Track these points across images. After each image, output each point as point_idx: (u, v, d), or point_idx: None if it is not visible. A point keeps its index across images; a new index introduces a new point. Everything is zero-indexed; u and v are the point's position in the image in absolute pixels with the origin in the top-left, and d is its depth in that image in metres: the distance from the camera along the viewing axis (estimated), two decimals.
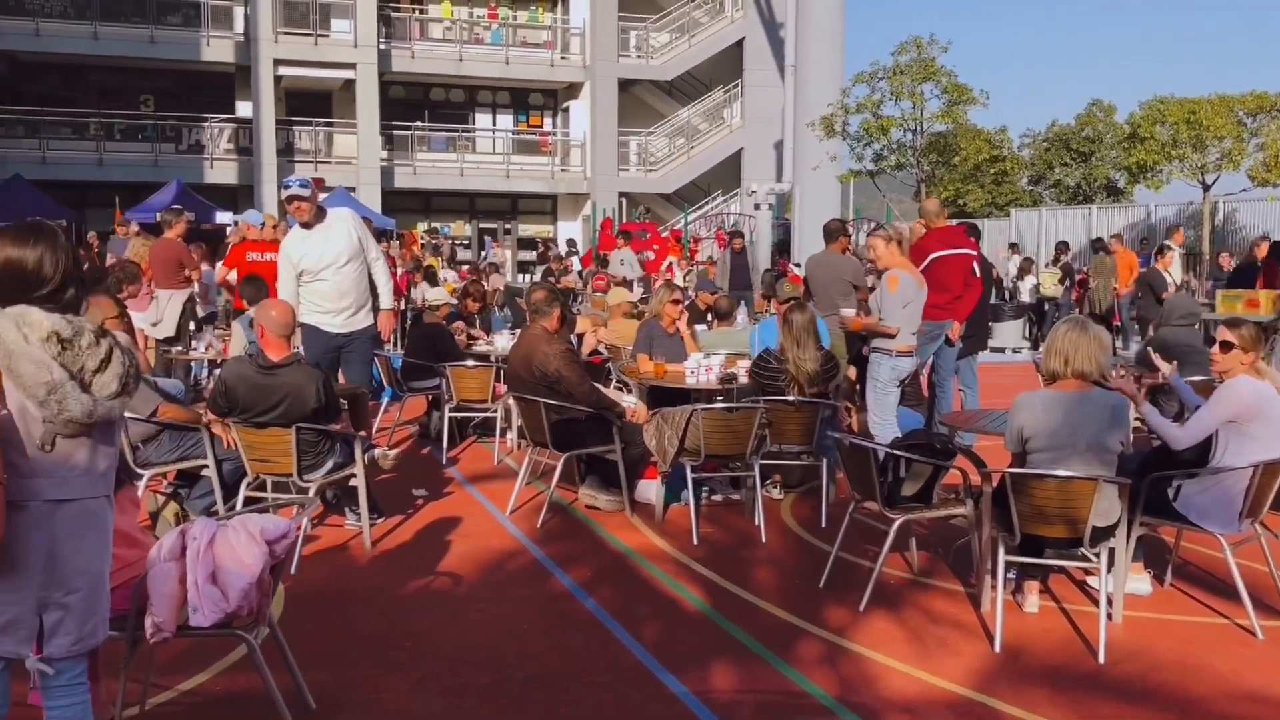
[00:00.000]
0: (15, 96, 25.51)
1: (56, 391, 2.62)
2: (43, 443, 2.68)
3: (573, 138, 30.02)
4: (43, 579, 2.71)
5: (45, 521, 2.69)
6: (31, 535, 2.68)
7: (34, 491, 2.69)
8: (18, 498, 2.67)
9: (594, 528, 6.45)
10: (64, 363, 2.65)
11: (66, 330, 2.68)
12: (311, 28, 26.50)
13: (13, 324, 2.64)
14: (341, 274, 7.04)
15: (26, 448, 2.68)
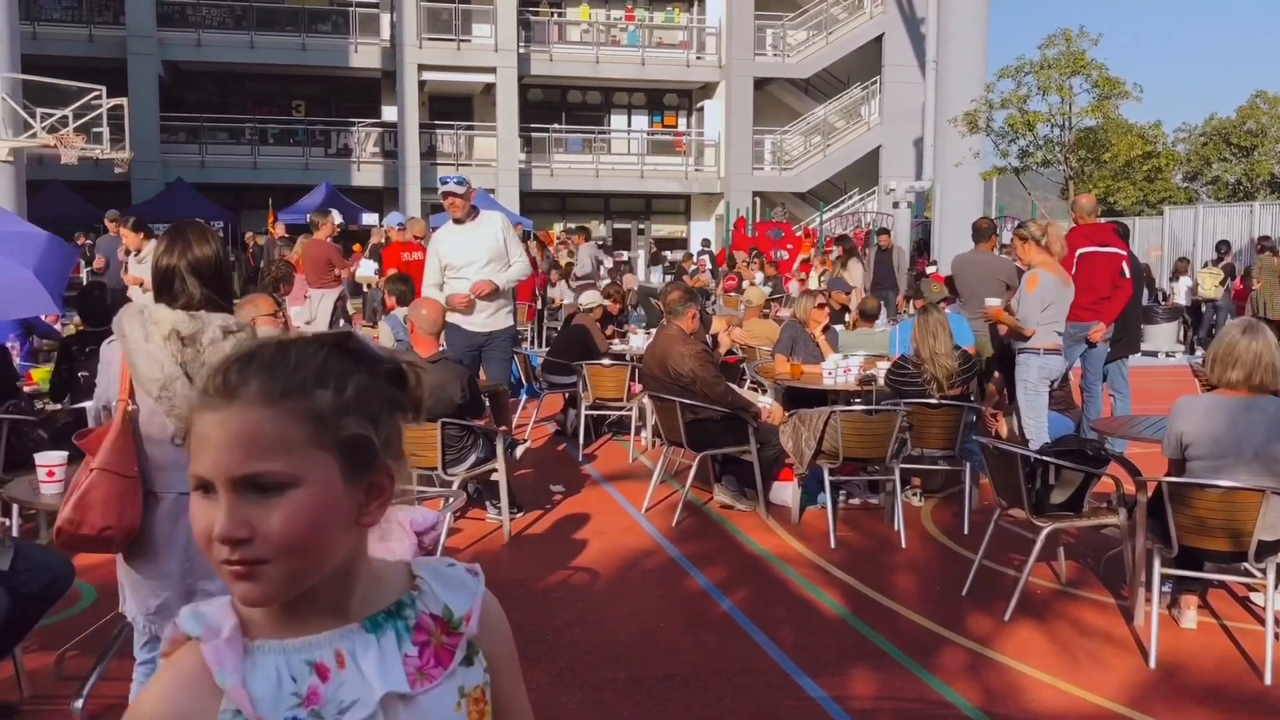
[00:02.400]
0: (177, 104, 26.87)
1: (168, 387, 2.72)
2: (174, 436, 2.78)
3: (707, 137, 30.01)
4: (185, 567, 2.82)
5: (182, 514, 2.79)
6: (170, 526, 2.78)
7: (168, 484, 2.79)
8: (154, 489, 2.78)
9: (729, 528, 6.44)
10: (182, 359, 2.75)
11: (187, 328, 2.77)
12: (454, 33, 27.17)
13: (139, 321, 2.75)
14: (482, 274, 7.19)
15: (160, 441, 2.79)
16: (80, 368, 6.14)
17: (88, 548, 2.80)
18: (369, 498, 1.07)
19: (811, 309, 7.92)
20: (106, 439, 2.71)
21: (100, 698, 3.79)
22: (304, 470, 1.01)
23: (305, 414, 1.02)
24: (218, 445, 1.00)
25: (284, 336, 1.08)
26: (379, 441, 1.07)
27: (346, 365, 1.06)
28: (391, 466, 1.09)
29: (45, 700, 3.92)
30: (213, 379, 1.03)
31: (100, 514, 2.68)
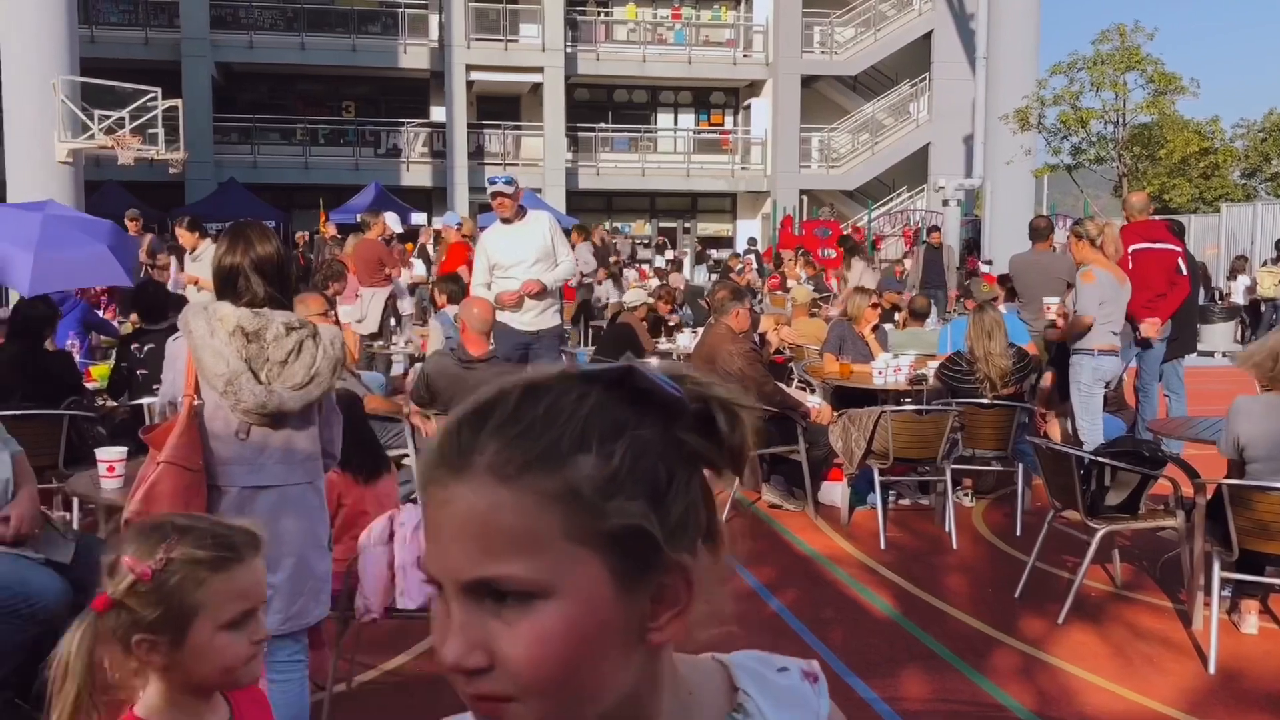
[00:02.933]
0: (230, 105, 27.24)
1: (233, 382, 2.77)
2: (238, 430, 2.84)
3: (754, 135, 29.91)
4: None
5: (245, 506, 2.85)
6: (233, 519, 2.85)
7: (233, 478, 2.85)
8: (218, 483, 2.84)
9: (777, 528, 6.42)
10: (246, 355, 2.80)
11: (251, 324, 2.82)
12: (502, 33, 27.31)
13: (204, 318, 2.81)
14: (530, 274, 7.22)
15: (224, 435, 2.85)
16: (138, 365, 6.25)
17: None
18: (659, 606, 0.76)
19: (865, 307, 7.87)
20: (173, 433, 2.77)
21: None
22: (556, 575, 0.72)
23: (556, 494, 0.73)
24: (444, 536, 0.74)
25: (537, 376, 0.78)
26: (666, 526, 0.75)
27: (620, 416, 0.75)
28: (689, 561, 0.76)
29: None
30: (444, 440, 0.76)
31: (167, 506, 2.73)
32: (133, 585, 1.61)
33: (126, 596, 1.61)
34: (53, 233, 6.07)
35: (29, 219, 6.18)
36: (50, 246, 5.97)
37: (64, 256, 6.01)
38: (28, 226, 6.08)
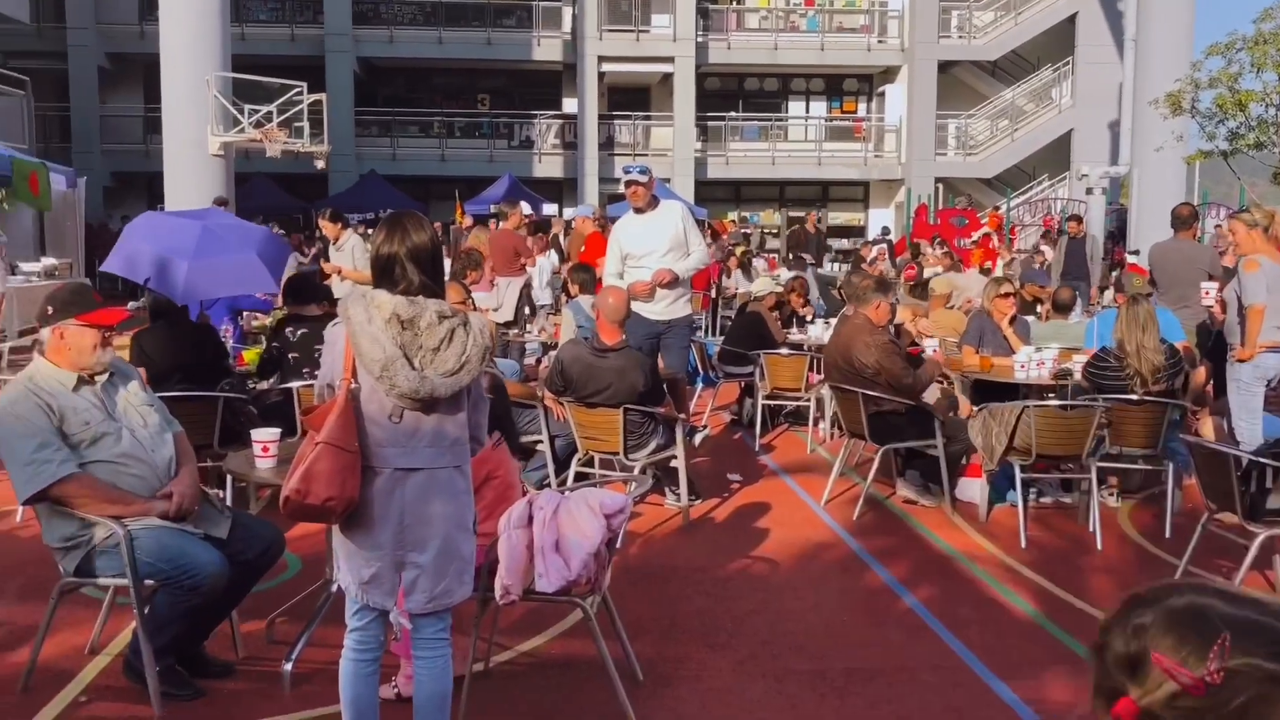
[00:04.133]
0: (370, 99, 28.04)
1: (389, 368, 2.85)
2: (391, 414, 2.93)
3: (888, 123, 29.34)
4: (397, 539, 2.96)
5: (396, 488, 2.94)
6: (385, 499, 2.94)
7: (385, 459, 2.94)
8: (372, 464, 2.94)
9: (912, 524, 6.29)
10: (401, 342, 2.88)
11: (406, 311, 2.90)
12: (633, 24, 27.42)
13: (362, 305, 2.90)
14: (662, 263, 7.22)
15: (379, 418, 2.95)
16: (289, 349, 6.50)
17: (311, 517, 2.97)
18: None
19: (995, 297, 7.64)
20: (330, 415, 2.87)
21: (307, 662, 4.01)
22: None
23: None
24: None
25: None
26: None
27: None
28: None
29: (257, 661, 4.18)
30: None
31: (324, 485, 2.84)
32: (1174, 696, 1.13)
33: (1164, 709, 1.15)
34: (207, 242, 6.37)
35: (189, 228, 6.52)
36: (203, 255, 6.27)
37: (213, 264, 6.30)
38: (187, 236, 6.40)
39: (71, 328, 3.67)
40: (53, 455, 3.56)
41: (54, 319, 3.69)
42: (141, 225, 6.73)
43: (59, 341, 3.69)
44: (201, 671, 3.95)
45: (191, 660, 3.94)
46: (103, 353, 3.71)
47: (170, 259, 6.25)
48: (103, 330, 3.69)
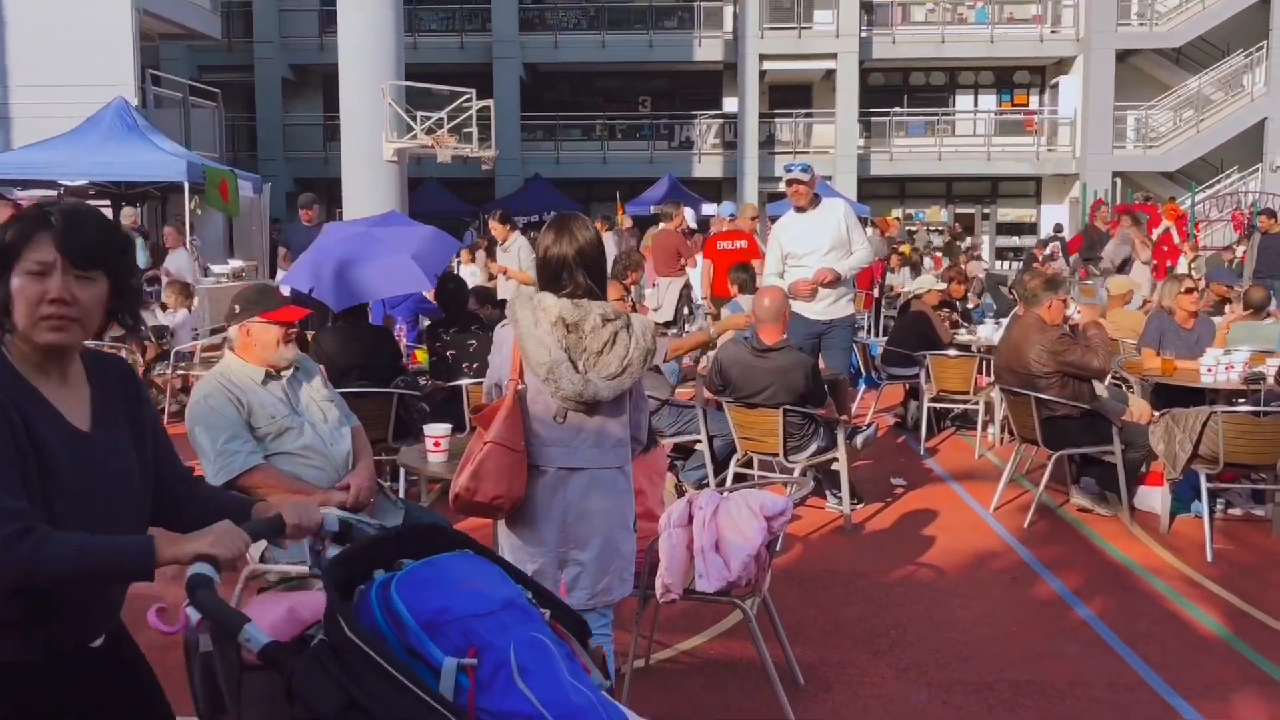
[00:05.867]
0: (535, 103, 28.66)
1: (554, 370, 2.91)
2: (555, 414, 2.99)
3: (1061, 115, 28.19)
4: (560, 537, 3.02)
5: (560, 487, 3.00)
6: (548, 498, 3.00)
7: (550, 459, 3.01)
8: (537, 463, 3.01)
9: (1086, 533, 6.03)
10: (566, 345, 2.93)
11: (572, 315, 2.95)
12: (795, 21, 27.18)
13: (529, 308, 2.96)
14: (824, 262, 7.14)
15: (544, 418, 3.01)
16: (447, 349, 6.74)
17: (479, 513, 3.06)
18: None
19: (1178, 294, 7.25)
20: (498, 415, 2.95)
21: None
22: None
23: None
24: None
25: None
26: None
27: None
28: None
29: None
30: None
31: (492, 483, 2.92)
32: None
33: None
34: (363, 247, 6.65)
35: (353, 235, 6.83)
36: (359, 261, 6.53)
37: (368, 268, 6.55)
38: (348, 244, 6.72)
39: (256, 325, 3.88)
40: (241, 446, 3.77)
41: (240, 317, 3.91)
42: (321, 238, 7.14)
43: (246, 338, 3.91)
44: None
45: None
46: (286, 349, 3.90)
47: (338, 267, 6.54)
48: (285, 327, 3.89)
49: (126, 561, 1.80)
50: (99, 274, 1.88)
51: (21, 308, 1.83)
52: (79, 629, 1.98)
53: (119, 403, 2.03)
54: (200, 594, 1.72)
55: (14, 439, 1.78)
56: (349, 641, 1.61)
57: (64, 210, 1.88)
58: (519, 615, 1.72)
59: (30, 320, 1.84)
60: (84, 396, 1.97)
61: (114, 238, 1.93)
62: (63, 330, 1.85)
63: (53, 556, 1.73)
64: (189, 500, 2.15)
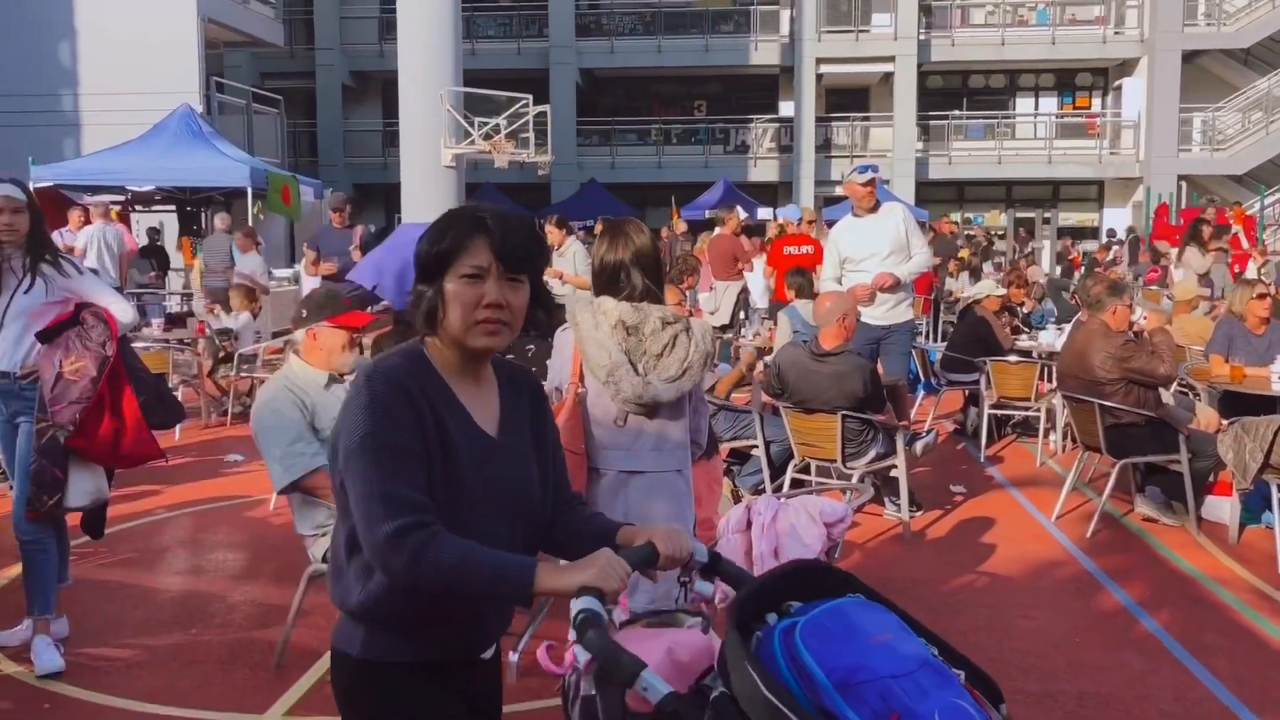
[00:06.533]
0: (591, 109, 28.78)
1: (615, 373, 2.91)
2: (616, 418, 2.99)
3: (1125, 118, 27.71)
4: None
5: (620, 489, 3.00)
6: (609, 500, 3.01)
7: (610, 461, 3.01)
8: (597, 466, 3.02)
9: (1152, 543, 5.91)
10: (626, 348, 2.94)
11: (631, 318, 2.96)
12: (853, 24, 27.02)
13: (590, 312, 2.97)
14: (883, 267, 7.08)
15: (604, 421, 3.01)
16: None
17: None
18: None
19: (1250, 300, 7.08)
20: (559, 417, 2.96)
21: (533, 654, 4.13)
22: None
23: None
24: None
25: None
26: None
27: None
28: None
29: None
30: None
31: None
32: None
33: None
34: None
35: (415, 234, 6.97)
36: None
37: None
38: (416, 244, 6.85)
39: (323, 329, 3.94)
40: (305, 448, 3.83)
41: (307, 321, 3.97)
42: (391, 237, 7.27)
43: (312, 342, 3.97)
44: None
45: None
46: (351, 353, 3.97)
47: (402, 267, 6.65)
48: (351, 332, 3.95)
49: (505, 582, 1.74)
50: (525, 278, 1.88)
51: (458, 311, 1.82)
52: (475, 637, 1.96)
53: (526, 414, 2.01)
54: (592, 635, 1.60)
55: (425, 437, 1.78)
56: (762, 699, 1.46)
57: (498, 215, 1.87)
58: (936, 677, 1.56)
59: (466, 324, 1.83)
60: (494, 404, 1.95)
61: (538, 243, 1.92)
62: (496, 335, 1.85)
63: (434, 559, 1.70)
64: (567, 520, 2.07)
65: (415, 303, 1.88)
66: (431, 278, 1.86)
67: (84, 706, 3.88)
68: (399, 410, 1.78)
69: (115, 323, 4.14)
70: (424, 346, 1.90)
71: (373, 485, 1.73)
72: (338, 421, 1.83)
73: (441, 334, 1.87)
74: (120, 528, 6.08)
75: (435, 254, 1.85)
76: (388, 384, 1.79)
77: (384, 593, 1.82)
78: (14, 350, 4.12)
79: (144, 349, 8.47)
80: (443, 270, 1.84)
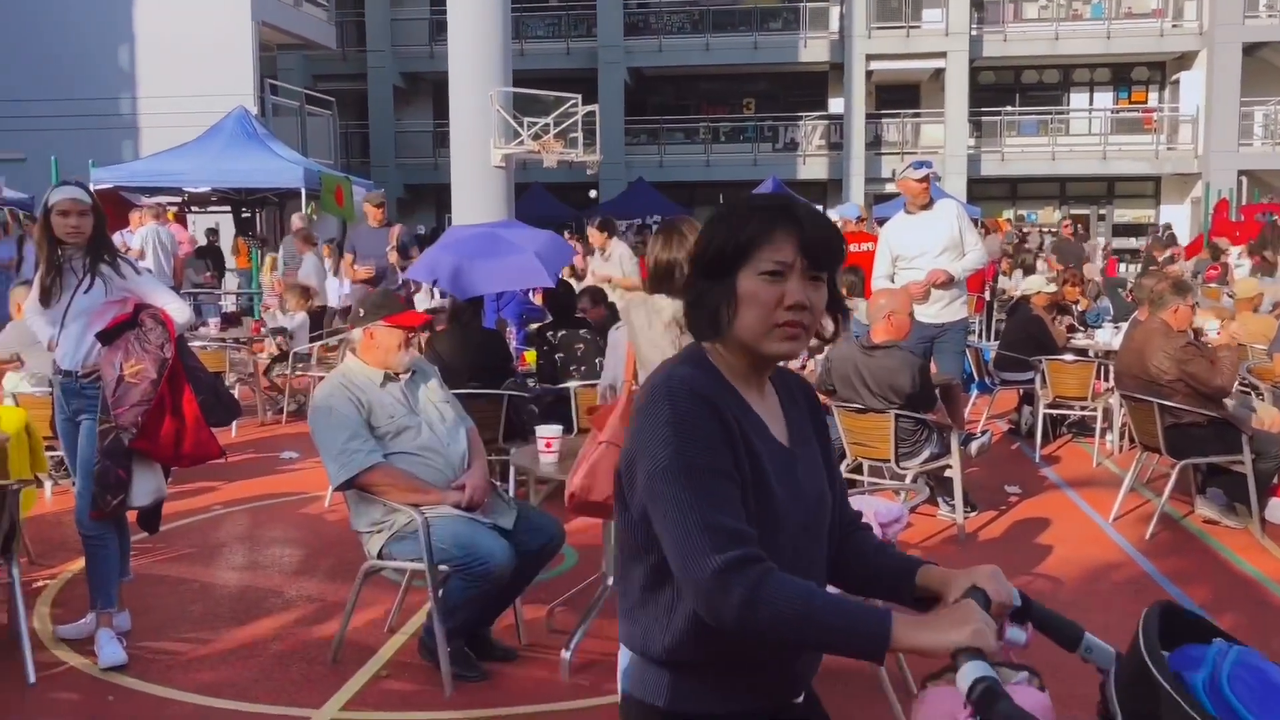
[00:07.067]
0: (639, 107, 28.79)
1: None
2: None
3: (1183, 112, 27.20)
4: None
5: None
6: None
7: None
8: None
9: (1213, 545, 5.80)
10: (680, 346, 2.93)
11: None
12: (903, 20, 26.78)
13: (644, 310, 2.97)
14: (936, 264, 7.01)
15: None
16: (555, 351, 6.83)
17: (593, 512, 3.08)
18: None
19: None
20: (613, 415, 2.97)
21: (585, 652, 4.15)
22: None
23: None
24: None
25: None
26: None
27: None
28: None
29: (538, 649, 4.36)
30: None
31: (607, 483, 2.94)
32: None
33: None
34: (491, 245, 6.89)
35: (480, 234, 7.12)
36: (487, 256, 6.77)
37: (494, 264, 6.81)
38: (476, 241, 7.00)
39: (380, 328, 3.98)
40: (361, 446, 3.87)
41: (365, 320, 4.01)
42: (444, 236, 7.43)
43: (369, 341, 4.01)
44: (487, 655, 4.17)
45: (479, 643, 4.17)
46: (406, 352, 4.00)
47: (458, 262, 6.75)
48: (407, 331, 3.98)
49: (856, 635, 1.48)
50: (825, 276, 1.67)
51: (754, 313, 1.61)
52: (785, 682, 1.72)
53: (808, 423, 1.80)
54: (1005, 706, 1.36)
55: (736, 457, 1.58)
56: None
57: (802, 205, 1.66)
58: None
59: (764, 327, 1.61)
60: (779, 414, 1.74)
61: (840, 237, 1.70)
62: (796, 340, 1.63)
63: (772, 600, 1.47)
64: (855, 546, 1.85)
65: (695, 302, 1.66)
66: (719, 274, 1.63)
67: (146, 699, 3.95)
68: (708, 427, 1.57)
69: (173, 323, 4.21)
70: (705, 353, 1.69)
71: (690, 514, 1.51)
72: (632, 443, 1.62)
73: (727, 338, 1.65)
74: (178, 523, 6.19)
75: (732, 247, 1.62)
76: (692, 398, 1.58)
77: (691, 636, 1.61)
78: (75, 349, 4.20)
79: (200, 348, 8.61)
80: (735, 266, 1.62)
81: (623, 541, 1.68)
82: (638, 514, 1.61)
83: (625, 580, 1.71)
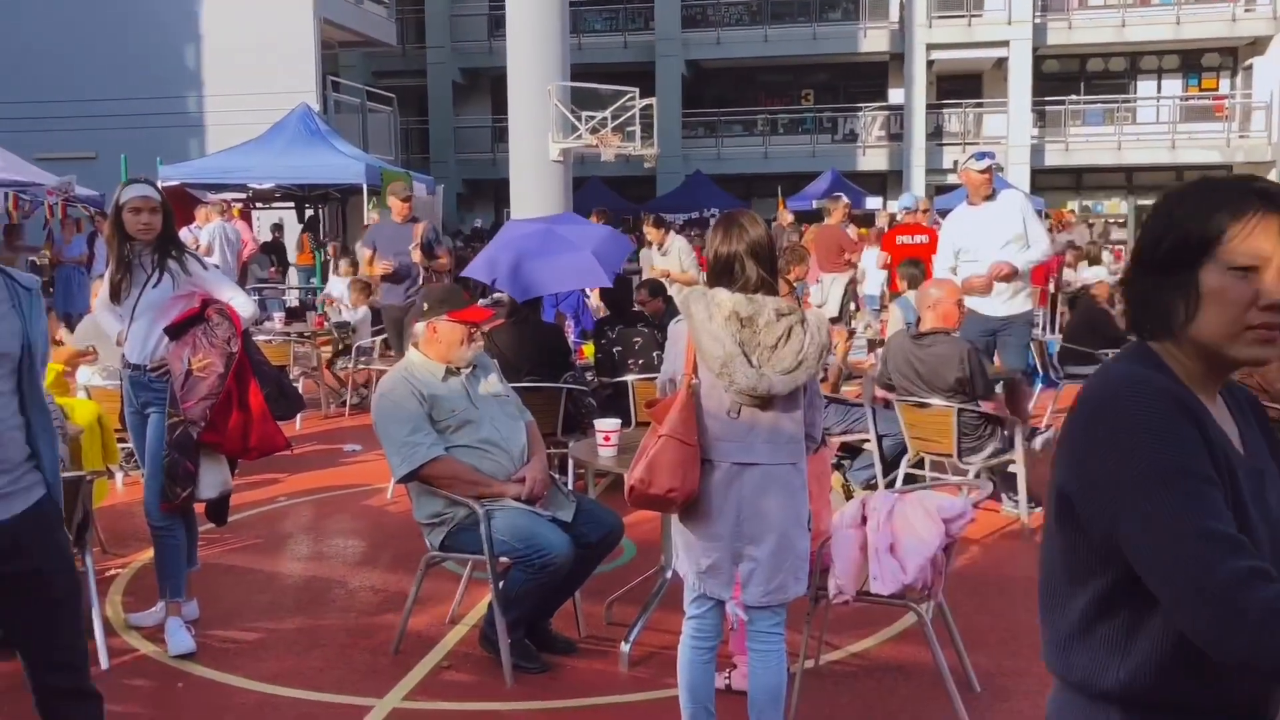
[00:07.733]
0: (697, 101, 28.72)
1: (729, 365, 2.89)
2: (729, 409, 2.98)
3: (1256, 99, 26.51)
4: (734, 532, 3.01)
5: (734, 482, 2.99)
6: (723, 492, 3.00)
7: (724, 453, 3.00)
8: (711, 458, 3.00)
9: None
10: (740, 339, 2.91)
11: (745, 310, 2.93)
12: (965, 9, 26.41)
13: (703, 303, 2.96)
14: (999, 256, 6.89)
15: (718, 413, 3.00)
16: (613, 345, 6.84)
17: (653, 506, 3.08)
18: None
19: None
20: (673, 409, 2.96)
21: (643, 645, 4.16)
22: None
23: None
24: None
25: None
26: None
27: None
28: None
29: (597, 641, 4.38)
30: None
31: (667, 476, 2.94)
32: None
33: None
34: (549, 242, 6.90)
35: (537, 232, 7.11)
36: (544, 255, 6.78)
37: (552, 263, 6.81)
38: (533, 239, 7.00)
39: (444, 323, 4.01)
40: (423, 439, 3.91)
41: (429, 315, 4.05)
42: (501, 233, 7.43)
43: (432, 335, 4.05)
44: (547, 646, 4.19)
45: (539, 635, 4.20)
46: (468, 347, 4.03)
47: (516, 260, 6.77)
48: (470, 327, 4.01)
49: None
50: None
51: (1223, 313, 1.43)
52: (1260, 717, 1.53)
53: (1261, 439, 1.60)
54: None
55: (1215, 466, 1.41)
56: None
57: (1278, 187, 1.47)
58: None
59: (1233, 329, 1.44)
60: (1232, 424, 1.56)
61: None
62: (1273, 343, 1.44)
63: None
64: None
65: (1141, 300, 1.51)
66: (1174, 268, 1.46)
67: (214, 686, 4.03)
68: (1185, 430, 1.41)
69: (238, 318, 4.28)
70: (1155, 352, 1.52)
71: (1184, 522, 1.34)
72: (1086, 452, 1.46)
73: (1181, 339, 1.48)
74: (245, 514, 6.30)
75: (1197, 237, 1.45)
76: (1164, 398, 1.42)
77: (1158, 670, 1.45)
78: (143, 343, 4.28)
79: (265, 341, 8.75)
80: (1197, 259, 1.44)
81: (1058, 565, 1.54)
82: (1097, 531, 1.45)
83: (1058, 608, 1.55)
